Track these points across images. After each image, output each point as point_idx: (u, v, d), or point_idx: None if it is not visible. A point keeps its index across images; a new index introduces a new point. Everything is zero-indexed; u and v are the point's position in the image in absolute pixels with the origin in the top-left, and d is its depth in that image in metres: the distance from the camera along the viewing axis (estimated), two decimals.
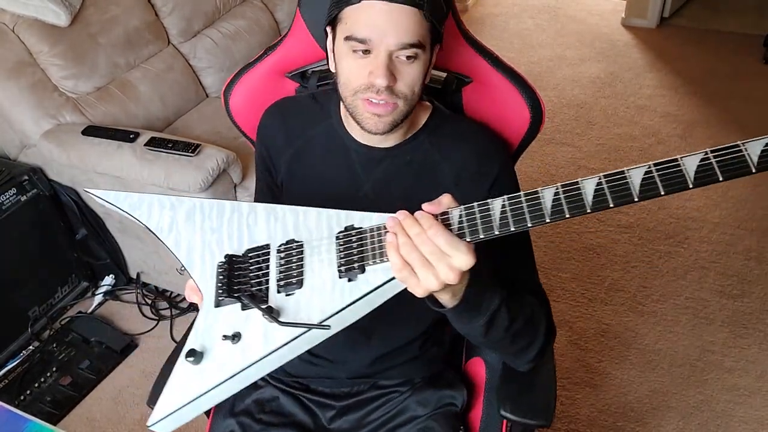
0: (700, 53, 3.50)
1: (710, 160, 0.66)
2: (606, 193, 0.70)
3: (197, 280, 0.88)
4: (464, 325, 0.87)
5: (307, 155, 1.07)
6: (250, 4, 2.73)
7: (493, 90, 1.12)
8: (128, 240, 2.21)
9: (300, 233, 0.87)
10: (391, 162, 1.02)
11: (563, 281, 2.23)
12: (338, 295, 0.80)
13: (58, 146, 2.00)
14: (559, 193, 0.71)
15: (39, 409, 1.92)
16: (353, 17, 0.87)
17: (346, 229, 0.84)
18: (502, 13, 4.06)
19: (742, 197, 2.52)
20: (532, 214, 0.72)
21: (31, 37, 2.05)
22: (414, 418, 1.11)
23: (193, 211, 0.93)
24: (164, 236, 0.92)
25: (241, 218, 0.91)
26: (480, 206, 0.75)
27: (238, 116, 1.25)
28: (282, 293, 0.83)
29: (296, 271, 0.83)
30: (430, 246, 0.73)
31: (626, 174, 0.70)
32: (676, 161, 0.68)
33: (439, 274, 0.73)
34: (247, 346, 0.80)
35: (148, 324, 2.19)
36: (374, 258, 0.80)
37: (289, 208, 0.89)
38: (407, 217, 0.76)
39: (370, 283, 0.80)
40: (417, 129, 1.03)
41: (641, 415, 1.82)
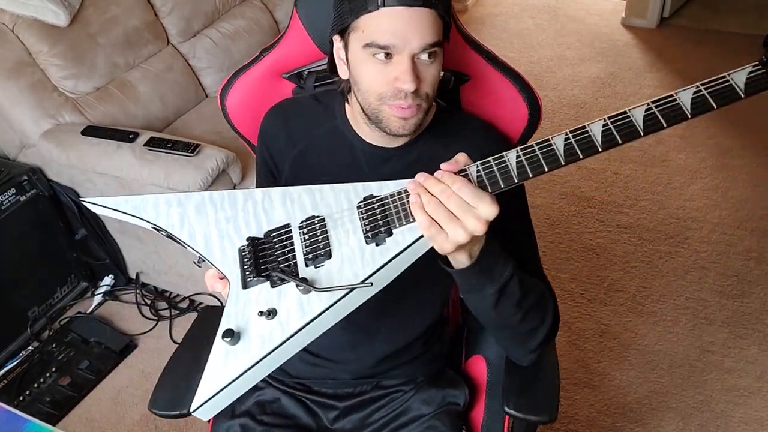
0: (700, 53, 3.50)
1: (702, 92, 0.75)
2: (613, 131, 0.76)
3: (220, 267, 0.87)
4: (477, 293, 0.89)
5: (312, 156, 1.07)
6: (250, 4, 2.73)
7: (491, 88, 1.12)
8: (127, 240, 2.21)
9: (319, 209, 0.87)
10: (398, 161, 1.02)
11: (563, 281, 2.23)
12: (369, 259, 0.82)
13: (58, 146, 2.00)
14: (569, 138, 0.77)
15: (38, 409, 1.92)
16: (372, 25, 0.86)
17: (365, 198, 0.85)
18: (502, 13, 4.06)
19: (742, 197, 2.52)
20: (547, 159, 0.77)
21: (31, 37, 2.05)
22: (418, 417, 1.11)
23: (203, 204, 0.92)
24: (177, 231, 0.91)
25: (256, 205, 0.91)
26: (496, 160, 0.79)
27: (235, 118, 1.25)
28: (311, 266, 0.83)
29: (322, 243, 0.84)
30: (455, 200, 0.77)
31: (629, 113, 0.76)
32: (672, 96, 0.75)
33: (467, 226, 0.76)
34: (285, 319, 0.80)
35: (148, 324, 2.19)
36: (399, 220, 0.82)
37: (304, 188, 0.89)
38: (428, 178, 0.79)
39: (399, 243, 0.81)
40: (423, 128, 1.03)
41: (641, 416, 1.82)
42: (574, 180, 2.66)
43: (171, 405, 1.10)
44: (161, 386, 1.15)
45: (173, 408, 1.09)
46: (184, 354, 1.22)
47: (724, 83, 0.75)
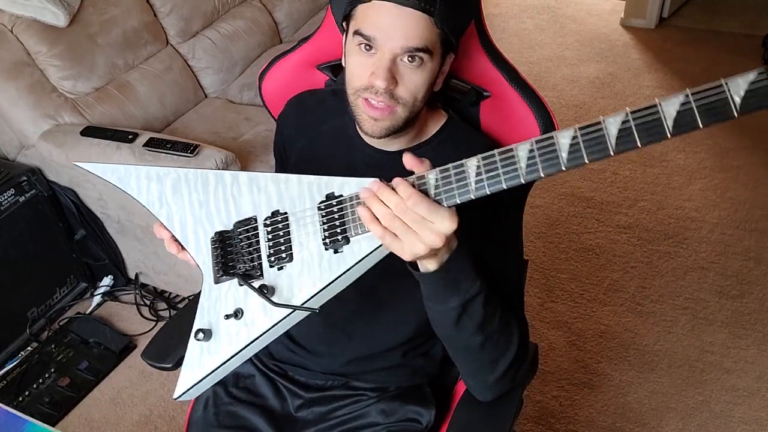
0: (699, 54, 3.50)
1: (691, 104, 0.63)
2: (581, 146, 0.67)
3: (194, 256, 0.92)
4: (439, 303, 0.86)
5: (316, 150, 1.07)
6: (249, 5, 2.73)
7: (509, 108, 1.08)
8: (127, 241, 2.20)
9: (284, 203, 0.88)
10: (393, 167, 1.00)
11: (562, 282, 2.23)
12: (326, 267, 0.82)
13: (57, 147, 2.00)
14: (533, 149, 0.69)
15: (37, 410, 1.92)
16: (363, 14, 0.87)
17: (327, 197, 0.84)
18: (502, 14, 4.06)
19: (741, 198, 2.52)
20: (506, 174, 0.71)
21: (30, 38, 2.05)
22: (371, 425, 1.10)
23: (179, 182, 0.95)
24: (156, 210, 0.96)
25: (226, 189, 0.92)
26: (455, 168, 0.74)
27: (270, 102, 1.27)
28: (274, 267, 0.86)
29: (285, 245, 0.86)
30: (410, 215, 0.74)
31: (602, 124, 0.66)
32: (654, 106, 0.64)
33: (424, 239, 0.74)
34: (251, 320, 0.84)
35: (147, 325, 2.19)
36: (356, 228, 0.81)
37: (271, 176, 0.90)
38: (382, 187, 0.76)
39: (356, 253, 0.81)
40: (426, 137, 1.02)
41: (640, 416, 1.82)
42: (574, 180, 2.66)
43: (159, 357, 1.18)
44: (156, 339, 1.23)
45: (161, 360, 1.18)
46: (183, 316, 1.28)
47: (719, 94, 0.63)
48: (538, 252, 2.33)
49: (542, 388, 1.90)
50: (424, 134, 1.02)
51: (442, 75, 0.95)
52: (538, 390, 1.89)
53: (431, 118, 1.02)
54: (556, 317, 2.11)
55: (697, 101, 0.63)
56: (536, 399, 1.87)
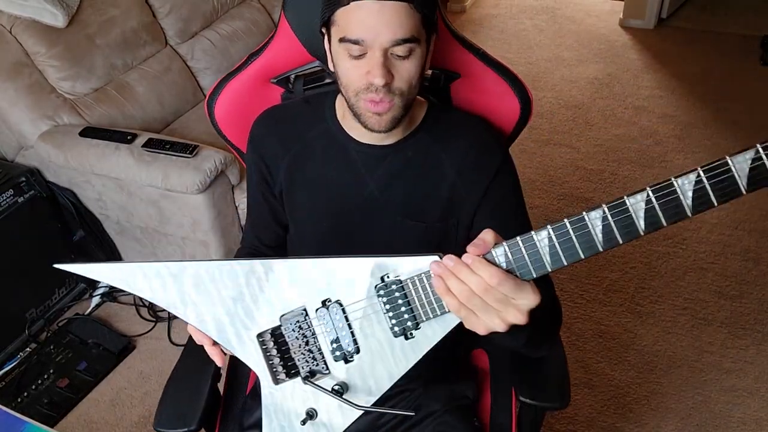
0: (698, 54, 3.50)
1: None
2: (657, 209, 0.64)
3: (241, 358, 0.85)
4: (509, 340, 0.82)
5: (306, 159, 1.07)
6: (248, 5, 2.73)
7: (481, 84, 1.12)
8: (126, 241, 2.20)
9: (333, 290, 0.81)
10: (393, 158, 1.02)
11: (561, 282, 2.23)
12: (401, 355, 0.78)
13: (56, 147, 2.00)
14: (607, 216, 0.66)
15: (36, 411, 1.91)
16: (345, 19, 0.87)
17: (383, 280, 0.79)
18: (500, 14, 4.07)
19: (740, 198, 2.52)
20: (582, 245, 0.67)
21: (29, 39, 2.05)
22: (430, 413, 1.11)
23: (200, 278, 0.84)
24: (181, 313, 0.85)
25: (261, 280, 0.83)
26: (524, 240, 0.70)
27: (224, 125, 1.23)
28: (340, 361, 0.81)
29: (347, 337, 0.80)
30: (494, 294, 0.70)
31: (675, 185, 0.63)
32: (726, 163, 0.61)
33: (507, 318, 0.71)
34: (328, 420, 0.80)
35: (146, 326, 2.18)
36: (426, 314, 0.77)
37: (311, 262, 0.82)
38: (458, 264, 0.72)
39: (430, 338, 0.78)
40: (416, 125, 1.03)
41: (640, 416, 1.82)
42: (573, 181, 2.66)
43: (176, 421, 1.06)
44: (165, 402, 1.11)
45: (179, 425, 1.06)
46: (186, 366, 1.19)
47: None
48: None
49: None
50: (414, 122, 1.03)
51: (429, 56, 0.95)
52: None
53: (415, 106, 1.03)
54: None
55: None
56: None
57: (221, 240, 2.02)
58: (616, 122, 3.00)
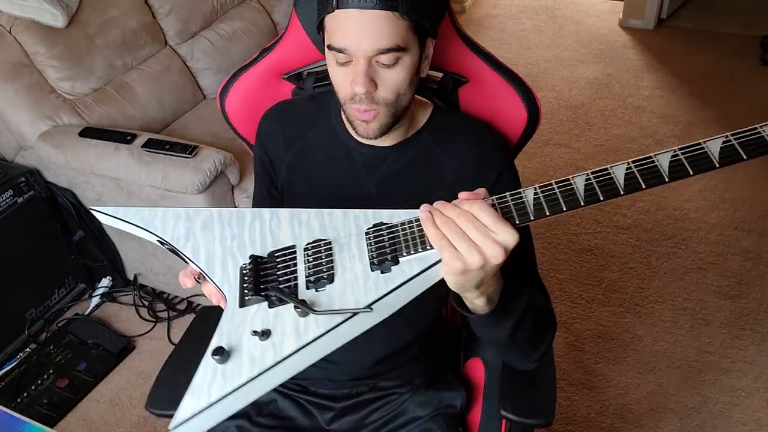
0: (698, 54, 3.50)
1: (732, 142, 0.73)
2: (636, 175, 0.73)
3: (219, 283, 0.85)
4: (493, 329, 0.87)
5: (308, 157, 1.07)
6: (248, 6, 2.73)
7: (489, 90, 1.12)
8: (125, 242, 2.20)
9: (327, 233, 0.85)
10: (394, 160, 1.02)
11: (561, 282, 2.23)
12: (373, 286, 0.79)
13: (55, 148, 2.00)
14: (590, 178, 0.75)
15: (36, 411, 1.92)
16: (331, 26, 0.87)
17: (375, 226, 0.83)
18: (500, 14, 4.07)
19: (739, 198, 2.53)
20: (566, 198, 0.75)
21: (28, 39, 2.05)
22: (415, 419, 1.11)
23: (211, 220, 0.91)
24: (181, 245, 0.90)
25: (264, 224, 0.89)
26: (512, 196, 0.77)
27: (235, 119, 1.24)
28: (312, 289, 0.81)
29: (326, 266, 0.82)
30: (474, 223, 0.72)
31: (654, 159, 0.74)
32: (700, 145, 0.73)
33: (485, 251, 0.72)
34: (279, 341, 0.77)
35: (146, 326, 2.19)
36: (408, 249, 0.79)
37: (315, 212, 0.87)
38: (446, 204, 0.75)
39: (406, 273, 0.78)
40: (419, 127, 1.03)
41: (639, 417, 1.82)
42: None
43: (168, 404, 1.09)
44: (159, 385, 1.14)
45: (171, 407, 1.05)
46: (181, 353, 1.21)
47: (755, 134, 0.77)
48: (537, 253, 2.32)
49: None
50: (416, 125, 1.03)
51: (426, 60, 0.94)
52: None
53: (418, 108, 1.03)
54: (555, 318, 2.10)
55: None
56: None
57: None
58: (615, 122, 3.00)
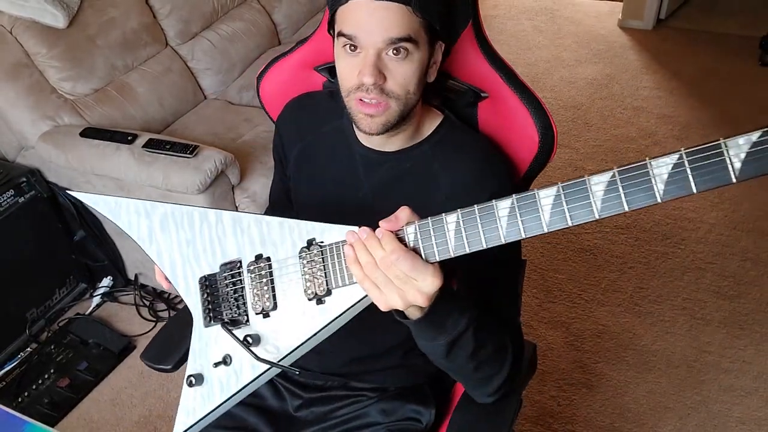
0: (697, 55, 3.51)
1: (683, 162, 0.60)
2: (563, 202, 0.64)
3: (183, 296, 0.92)
4: (426, 342, 0.84)
5: (315, 152, 1.08)
6: (248, 6, 2.74)
7: (506, 109, 1.07)
8: (126, 242, 2.21)
9: (266, 247, 0.87)
10: (391, 167, 1.02)
11: (560, 282, 2.24)
12: (309, 319, 0.82)
13: (56, 148, 2.01)
14: (514, 205, 0.66)
15: (37, 410, 1.92)
16: (343, 16, 0.88)
17: (308, 243, 0.83)
18: (500, 15, 4.07)
19: (738, 198, 2.53)
20: (487, 233, 0.68)
21: (29, 39, 2.05)
22: (371, 424, 1.10)
23: (166, 218, 0.95)
24: (146, 247, 0.96)
25: (211, 229, 0.92)
26: (434, 222, 0.72)
27: (268, 103, 1.27)
28: (260, 315, 0.86)
29: (268, 293, 0.86)
30: (394, 271, 0.72)
31: (586, 182, 0.62)
32: (644, 163, 0.62)
33: (406, 295, 0.73)
34: (239, 368, 0.86)
35: (146, 325, 2.19)
36: (336, 280, 0.80)
37: (254, 218, 0.89)
38: (370, 237, 0.75)
39: (339, 305, 0.80)
40: (423, 137, 1.02)
41: (638, 416, 1.83)
42: None
43: (159, 358, 1.18)
44: (155, 340, 1.22)
45: (161, 362, 1.18)
46: (182, 317, 1.24)
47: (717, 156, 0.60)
48: (536, 253, 2.34)
49: (540, 388, 1.90)
50: (420, 134, 1.02)
51: (434, 65, 0.94)
52: (537, 390, 1.90)
53: (427, 117, 1.02)
54: (554, 317, 2.11)
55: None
56: (534, 399, 1.87)
57: None
58: (615, 123, 3.00)
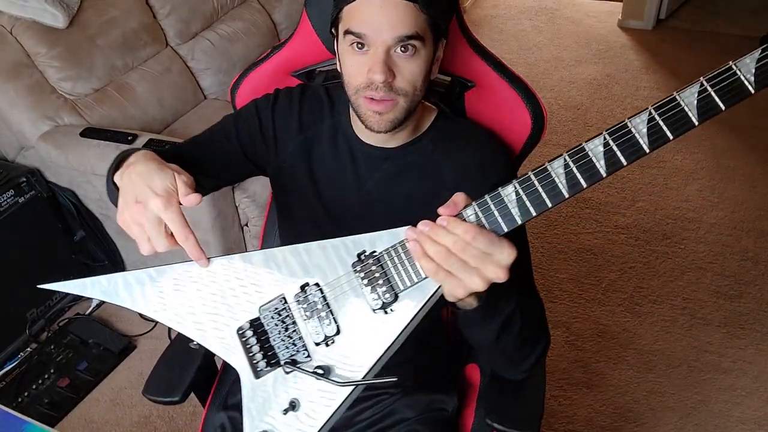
0: (697, 55, 3.51)
1: (708, 91, 0.64)
2: (615, 150, 0.68)
3: (223, 356, 0.84)
4: (479, 328, 0.86)
5: (315, 148, 1.07)
6: (248, 6, 2.74)
7: (496, 96, 1.11)
8: (126, 241, 2.21)
9: (310, 274, 0.81)
10: (393, 162, 1.02)
11: (560, 282, 2.23)
12: (383, 330, 0.77)
13: (56, 148, 2.01)
14: (569, 163, 0.69)
15: (37, 411, 1.92)
16: (350, 14, 0.88)
17: (359, 257, 0.79)
18: (500, 15, 4.07)
19: (738, 198, 2.53)
20: (549, 193, 0.70)
21: (29, 39, 2.05)
22: (401, 420, 1.10)
23: (179, 279, 0.85)
24: (160, 317, 0.85)
25: (239, 275, 0.84)
26: (492, 198, 0.72)
27: None
28: (322, 345, 0.79)
29: (327, 318, 0.80)
30: (471, 251, 0.71)
31: (629, 125, 0.67)
32: (674, 98, 0.65)
33: (487, 274, 0.71)
34: (311, 409, 0.78)
35: (146, 325, 2.19)
36: (403, 281, 0.77)
37: (288, 249, 0.82)
38: (433, 227, 0.73)
39: (410, 309, 0.77)
40: (422, 131, 1.03)
41: (639, 416, 1.83)
42: None
43: (163, 391, 1.12)
44: (156, 374, 1.17)
45: (166, 394, 1.12)
46: (179, 346, 1.23)
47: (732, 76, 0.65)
48: (537, 253, 2.34)
49: None
50: (420, 129, 1.03)
51: (437, 62, 0.95)
52: None
53: (424, 112, 1.03)
54: (555, 317, 2.11)
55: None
56: None
57: (221, 240, 2.02)
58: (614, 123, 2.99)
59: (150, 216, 0.79)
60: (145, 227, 0.80)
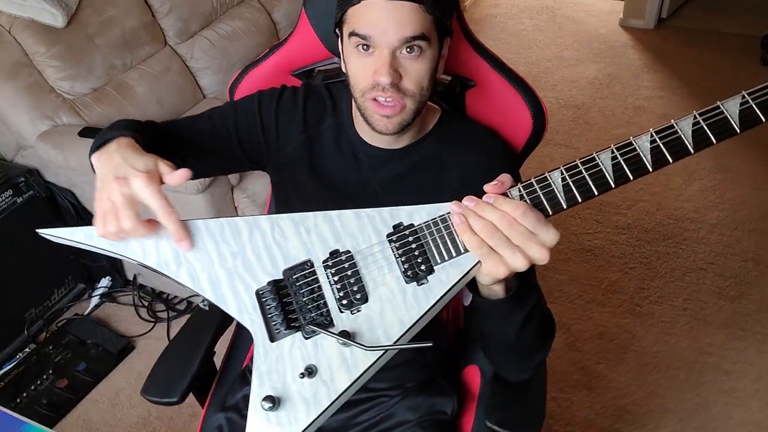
0: (698, 54, 3.50)
1: (749, 103, 0.72)
2: (662, 148, 0.72)
3: (236, 315, 0.80)
4: (501, 320, 0.86)
5: (318, 146, 1.07)
6: (248, 5, 2.73)
7: (496, 95, 1.11)
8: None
9: (343, 241, 0.79)
10: (398, 162, 1.02)
11: (560, 283, 2.23)
12: (413, 301, 0.75)
13: (55, 148, 2.00)
14: (617, 155, 0.72)
15: (35, 411, 1.91)
16: (355, 16, 0.88)
17: (395, 228, 0.79)
18: (500, 14, 4.06)
19: (740, 199, 2.52)
20: (596, 182, 0.72)
21: (28, 39, 2.05)
22: (402, 423, 1.10)
23: (199, 236, 0.81)
24: (173, 272, 0.80)
25: (265, 236, 0.81)
26: (539, 181, 0.74)
27: None
28: (346, 312, 0.77)
29: (355, 284, 0.77)
30: (518, 228, 0.72)
31: (675, 126, 0.72)
32: (718, 107, 0.72)
33: (531, 254, 0.72)
34: (328, 377, 0.74)
35: (145, 326, 2.18)
36: (441, 255, 0.76)
37: (322, 215, 0.81)
38: (479, 203, 0.75)
39: (444, 282, 0.76)
40: (426, 131, 1.03)
41: (638, 418, 1.82)
42: None
43: (162, 392, 1.12)
44: (155, 375, 1.16)
45: (165, 395, 1.11)
46: (178, 347, 1.24)
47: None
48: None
49: None
50: (424, 129, 1.03)
51: (442, 60, 0.95)
52: None
53: (428, 112, 1.03)
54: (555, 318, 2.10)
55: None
56: None
57: None
58: (616, 122, 2.99)
59: (125, 191, 0.78)
60: (117, 202, 0.79)
